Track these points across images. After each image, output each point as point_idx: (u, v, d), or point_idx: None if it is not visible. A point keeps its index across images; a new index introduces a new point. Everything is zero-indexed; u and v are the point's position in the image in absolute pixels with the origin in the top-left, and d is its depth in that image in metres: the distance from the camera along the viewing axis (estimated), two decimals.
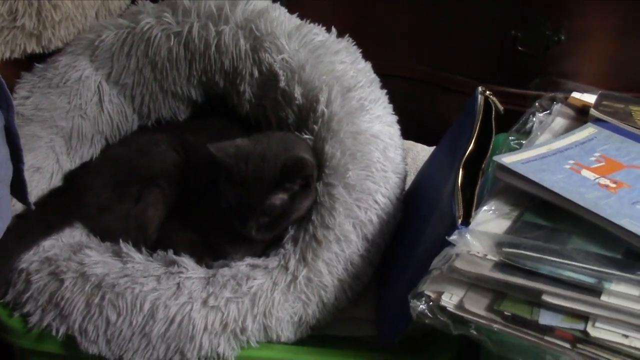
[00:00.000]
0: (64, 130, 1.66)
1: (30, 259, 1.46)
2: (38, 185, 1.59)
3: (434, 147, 1.73)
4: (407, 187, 1.57)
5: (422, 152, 1.91)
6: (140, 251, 1.48)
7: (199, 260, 1.47)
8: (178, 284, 1.40)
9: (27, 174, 1.34)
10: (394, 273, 1.46)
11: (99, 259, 1.45)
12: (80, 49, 1.71)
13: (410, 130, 1.67)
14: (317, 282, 1.41)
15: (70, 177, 1.66)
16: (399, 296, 1.25)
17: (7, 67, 1.64)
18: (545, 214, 1.22)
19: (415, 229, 1.45)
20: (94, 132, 1.70)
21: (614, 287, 1.05)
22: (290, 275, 1.41)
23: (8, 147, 1.15)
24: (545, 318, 1.06)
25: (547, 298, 1.07)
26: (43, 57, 1.73)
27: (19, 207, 1.47)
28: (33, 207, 1.31)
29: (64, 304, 1.39)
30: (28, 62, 1.71)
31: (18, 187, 1.22)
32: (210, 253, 1.50)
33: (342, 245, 1.42)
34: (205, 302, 1.38)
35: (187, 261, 1.44)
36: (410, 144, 1.90)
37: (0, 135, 1.12)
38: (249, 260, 1.45)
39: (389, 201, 1.47)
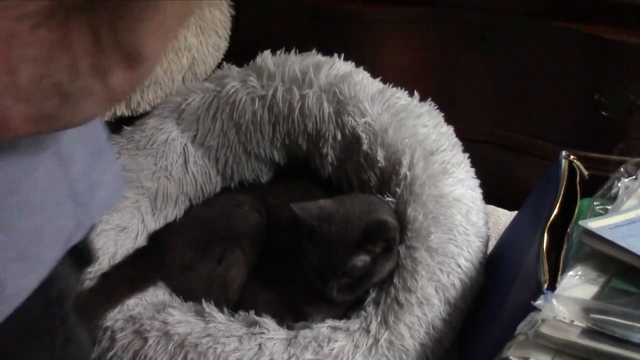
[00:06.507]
0: (149, 191, 1.70)
1: (115, 317, 1.48)
2: (123, 245, 1.61)
3: (515, 212, 1.71)
4: (489, 251, 1.56)
5: (504, 217, 1.89)
6: (222, 311, 1.49)
7: (280, 321, 1.47)
8: (260, 344, 1.40)
9: (113, 233, 1.34)
10: (475, 338, 1.44)
11: (181, 318, 1.46)
12: (167, 112, 1.75)
13: (492, 194, 1.66)
14: (398, 346, 1.39)
15: (155, 237, 1.69)
16: None
17: None
18: (634, 280, 1.19)
19: (497, 293, 1.43)
20: (178, 192, 1.73)
21: None
22: (371, 338, 1.40)
23: None
24: None
25: None
26: (131, 120, 1.78)
27: (105, 266, 1.51)
28: None
29: None
30: (116, 125, 1.76)
31: None
32: (291, 314, 1.51)
33: (424, 308, 1.41)
34: None
35: (268, 322, 1.44)
36: (491, 208, 1.88)
37: None
38: (330, 322, 1.44)
39: (472, 265, 1.46)
